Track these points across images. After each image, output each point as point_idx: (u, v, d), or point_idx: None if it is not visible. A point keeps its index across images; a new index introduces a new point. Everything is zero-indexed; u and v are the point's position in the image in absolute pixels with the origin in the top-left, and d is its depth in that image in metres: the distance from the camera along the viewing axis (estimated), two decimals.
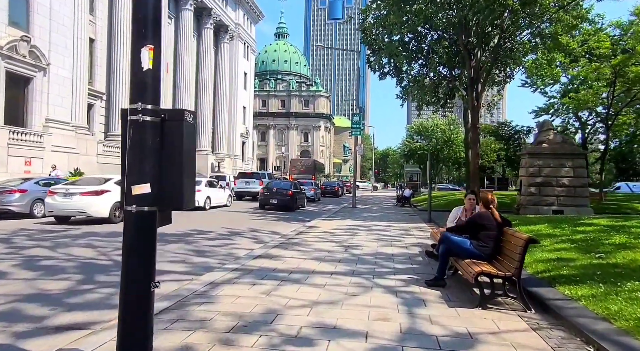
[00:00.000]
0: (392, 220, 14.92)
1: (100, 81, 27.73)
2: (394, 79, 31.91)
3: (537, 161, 16.01)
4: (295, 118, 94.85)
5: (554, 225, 9.56)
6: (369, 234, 10.53)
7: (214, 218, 14.94)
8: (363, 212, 18.94)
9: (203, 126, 42.27)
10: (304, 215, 17.47)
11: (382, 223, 13.54)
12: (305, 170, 41.05)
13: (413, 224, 13.35)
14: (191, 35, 38.67)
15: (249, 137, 55.43)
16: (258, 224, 13.13)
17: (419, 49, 28.95)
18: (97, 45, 27.06)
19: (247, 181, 24.89)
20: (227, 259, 7.24)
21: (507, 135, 48.74)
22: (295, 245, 8.48)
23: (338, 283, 5.33)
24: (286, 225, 13.16)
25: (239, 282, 5.26)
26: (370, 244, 8.76)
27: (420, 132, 57.72)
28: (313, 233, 10.53)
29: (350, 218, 15.31)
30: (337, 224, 13.03)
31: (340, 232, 10.90)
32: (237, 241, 9.51)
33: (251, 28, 53.43)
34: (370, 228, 12.19)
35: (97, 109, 27.54)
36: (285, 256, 7.20)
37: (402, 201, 24.04)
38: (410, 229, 12.04)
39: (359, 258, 7.19)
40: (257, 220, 14.56)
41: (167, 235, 9.76)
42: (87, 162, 23.80)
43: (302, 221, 14.41)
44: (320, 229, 11.43)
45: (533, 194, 15.94)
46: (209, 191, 18.43)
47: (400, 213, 19.14)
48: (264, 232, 11.34)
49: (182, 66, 37.59)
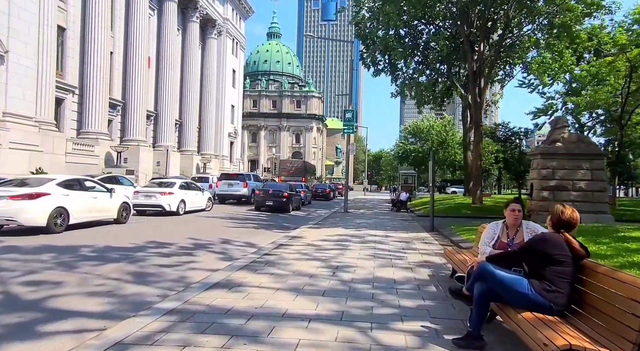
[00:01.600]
0: (389, 228, 13.10)
1: (73, 74, 25.65)
2: (389, 76, 30.43)
3: (550, 162, 14.31)
4: (287, 119, 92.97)
5: (590, 238, 7.81)
6: (363, 248, 8.69)
7: (184, 225, 13.01)
8: (356, 218, 17.11)
9: (188, 125, 40.29)
10: (290, 221, 15.60)
11: (378, 233, 11.71)
12: (295, 172, 39.16)
13: (414, 234, 11.53)
14: (175, 28, 36.65)
15: (237, 137, 53.41)
16: (233, 233, 11.23)
17: (415, 45, 27.33)
18: (68, 34, 24.99)
19: (230, 183, 22.91)
20: (172, 288, 5.36)
21: (504, 137, 47.21)
22: (269, 265, 6.61)
23: (317, 342, 3.46)
24: (266, 234, 11.28)
25: (164, 341, 3.37)
26: (365, 264, 6.91)
27: (414, 133, 56.09)
28: (295, 246, 8.66)
29: (341, 226, 13.47)
30: (325, 233, 11.17)
31: (328, 245, 9.04)
32: (199, 257, 7.61)
33: (240, 24, 51.51)
34: (365, 238, 10.34)
35: (68, 104, 25.45)
36: (251, 284, 5.33)
37: (397, 205, 22.27)
38: (411, 240, 10.22)
39: (350, 287, 5.33)
40: (234, 228, 12.66)
41: (113, 250, 7.86)
42: (54, 162, 21.69)
43: (286, 229, 12.54)
44: (305, 241, 9.57)
45: (546, 199, 14.22)
46: (182, 194, 16.55)
47: (396, 219, 17.34)
48: (237, 244, 9.45)
49: (165, 61, 35.55)
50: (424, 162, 56.95)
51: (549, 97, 35.49)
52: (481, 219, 17.22)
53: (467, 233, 10.52)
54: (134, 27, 30.65)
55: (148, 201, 15.82)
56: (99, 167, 25.30)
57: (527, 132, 44.37)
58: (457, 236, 10.33)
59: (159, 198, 15.76)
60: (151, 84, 34.91)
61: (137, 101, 30.96)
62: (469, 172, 29.32)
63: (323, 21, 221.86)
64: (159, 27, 35.31)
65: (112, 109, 30.03)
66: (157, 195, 15.83)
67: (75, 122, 26.32)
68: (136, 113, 30.95)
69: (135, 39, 30.74)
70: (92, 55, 26.11)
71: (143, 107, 31.58)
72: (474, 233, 10.27)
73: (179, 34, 39.33)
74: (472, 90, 19.69)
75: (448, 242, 9.92)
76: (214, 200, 19.73)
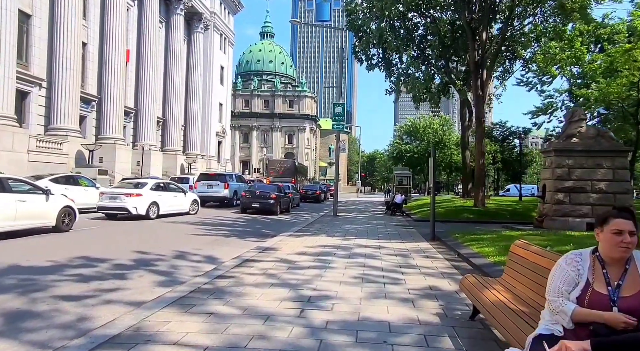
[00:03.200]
0: (382, 236, 11.26)
1: (40, 65, 23.59)
2: (383, 72, 28.86)
3: (566, 160, 12.59)
4: (279, 119, 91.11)
5: None
6: (349, 265, 6.84)
7: (145, 233, 11.11)
8: (345, 222, 15.27)
9: (172, 123, 38.28)
10: (271, 226, 13.74)
11: (370, 242, 9.86)
12: (285, 172, 37.23)
13: (412, 245, 9.69)
14: (157, 20, 34.62)
15: (226, 136, 51.38)
16: (197, 243, 9.34)
17: (411, 39, 25.68)
18: (34, 22, 22.93)
19: (210, 184, 20.97)
20: (45, 344, 3.47)
21: (502, 136, 45.79)
22: (214, 296, 4.75)
23: None
24: (236, 245, 9.42)
25: None
26: (349, 293, 5.06)
27: (410, 132, 54.37)
28: (263, 263, 6.80)
29: (326, 233, 11.62)
30: (306, 243, 9.32)
31: (305, 261, 7.18)
32: (130, 282, 5.71)
33: (229, 19, 49.57)
34: (352, 250, 8.50)
35: (34, 98, 23.38)
36: (167, 338, 3.45)
37: (392, 208, 20.46)
38: (409, 253, 8.38)
39: (321, 342, 3.47)
40: (203, 236, 10.76)
41: (14, 272, 5.97)
42: (14, 161, 19.64)
43: (262, 237, 10.69)
44: (279, 255, 7.71)
45: (561, 202, 12.50)
46: (155, 196, 14.70)
47: (391, 223, 15.52)
48: (192, 259, 7.58)
49: (147, 54, 33.48)
50: (420, 163, 55.33)
51: (548, 95, 33.99)
52: (485, 225, 15.44)
53: (476, 243, 8.71)
54: (111, 18, 28.62)
55: (112, 203, 14.00)
56: (68, 166, 23.25)
57: (525, 131, 42.96)
58: (464, 247, 8.51)
59: (124, 200, 13.91)
60: (131, 79, 32.85)
61: (114, 96, 28.91)
62: (467, 173, 27.66)
63: (317, 21, 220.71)
64: (140, 19, 33.27)
65: (86, 104, 27.96)
66: (122, 197, 13.98)
67: (43, 118, 24.22)
68: (113, 109, 28.89)
69: (112, 30, 28.70)
70: (62, 45, 24.03)
71: (120, 104, 29.53)
72: (485, 245, 8.45)
73: (162, 27, 37.31)
74: (474, 82, 17.99)
75: (454, 255, 8.10)
76: None
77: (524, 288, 3.51)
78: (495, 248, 7.78)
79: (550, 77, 33.32)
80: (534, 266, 3.47)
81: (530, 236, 9.57)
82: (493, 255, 7.16)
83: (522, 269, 3.67)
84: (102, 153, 27.63)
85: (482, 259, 7.04)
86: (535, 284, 3.39)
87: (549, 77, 33.58)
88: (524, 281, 3.56)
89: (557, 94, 33.07)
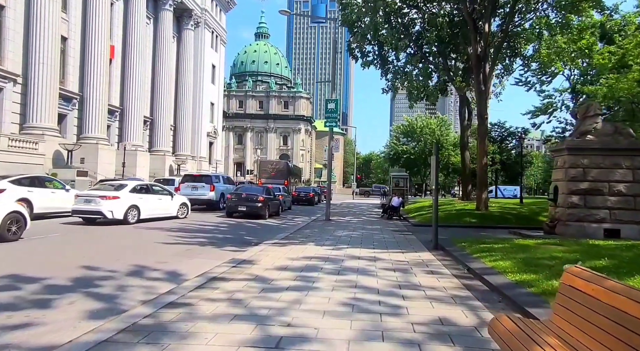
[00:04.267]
0: (378, 244, 10.00)
1: (14, 60, 22.20)
2: (379, 70, 27.75)
3: (581, 160, 11.41)
4: (274, 120, 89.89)
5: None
6: (338, 286, 5.57)
7: (110, 240, 9.80)
8: (338, 228, 14.00)
9: (161, 123, 36.91)
10: (256, 233, 12.45)
11: (364, 253, 8.59)
12: (277, 174, 35.89)
13: (412, 255, 8.42)
14: (144, 15, 33.29)
15: (217, 137, 50.00)
16: (164, 254, 8.06)
17: (407, 34, 24.53)
18: (8, 14, 21.55)
19: (194, 185, 19.63)
20: None
21: (500, 137, 44.74)
22: (148, 341, 3.47)
23: None
24: (209, 256, 8.14)
25: None
26: (333, 332, 3.79)
27: (407, 133, 53.18)
28: (232, 284, 5.52)
29: (315, 240, 10.33)
30: (290, 254, 8.04)
31: (285, 279, 5.90)
32: (49, 313, 4.41)
33: (221, 16, 48.29)
34: (343, 264, 7.22)
35: (7, 94, 21.97)
36: None
37: (389, 211, 19.22)
38: (410, 267, 7.11)
39: None
40: (173, 245, 9.45)
41: None
42: None
43: (243, 246, 9.42)
44: (254, 270, 6.44)
45: (576, 206, 11.30)
46: (135, 199, 13.50)
47: (388, 229, 14.26)
48: (150, 276, 6.29)
49: (133, 51, 32.11)
50: (417, 165, 54.19)
51: (547, 95, 32.95)
52: (490, 230, 14.17)
53: (488, 255, 7.47)
54: (94, 12, 27.26)
55: (87, 206, 12.81)
56: (44, 167, 21.85)
57: (525, 131, 41.96)
58: (474, 260, 7.25)
59: (99, 203, 12.68)
60: (116, 77, 31.48)
61: (97, 94, 27.52)
62: (467, 174, 26.51)
63: (313, 23, 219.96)
64: (125, 14, 31.90)
65: (67, 102, 26.56)
66: (97, 200, 12.74)
67: (18, 116, 22.80)
68: (96, 108, 27.50)
69: (96, 24, 27.33)
70: (39, 39, 22.64)
71: (104, 102, 28.14)
72: (499, 257, 7.17)
73: (150, 23, 35.97)
74: (476, 77, 16.82)
75: (463, 270, 6.84)
76: None
77: (598, 347, 2.26)
78: (513, 261, 6.54)
79: (549, 76, 32.34)
80: (613, 312, 2.23)
81: (549, 246, 8.36)
82: (512, 272, 5.91)
83: (587, 313, 2.42)
84: (84, 154, 26.26)
85: (500, 277, 5.79)
86: (619, 343, 2.15)
87: (548, 77, 32.61)
88: (595, 333, 2.31)
89: (557, 94, 32.10)
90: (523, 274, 5.70)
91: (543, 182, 78.48)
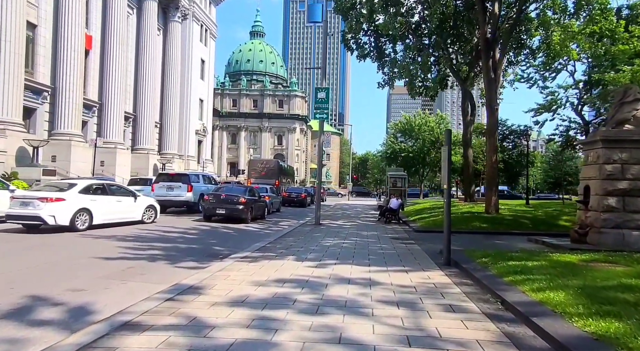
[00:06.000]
0: (374, 259, 7.98)
1: None
2: (375, 63, 26.00)
3: (618, 154, 9.46)
4: (268, 119, 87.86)
5: None
6: (311, 339, 3.54)
7: (38, 253, 7.75)
8: (328, 234, 11.99)
9: (144, 120, 34.77)
10: (228, 241, 10.44)
11: (355, 272, 6.56)
12: (268, 173, 33.89)
13: (419, 276, 6.39)
14: (125, 5, 31.15)
15: (207, 135, 47.87)
16: (91, 276, 6.05)
17: (406, 23, 22.69)
18: None
19: (170, 185, 17.57)
20: None
21: (502, 136, 42.83)
22: None
23: None
24: (152, 276, 6.15)
25: None
26: None
27: (405, 131, 51.23)
28: (144, 338, 3.48)
29: (297, 253, 8.31)
30: (256, 276, 6.01)
31: (233, 326, 3.86)
32: None
33: (210, 9, 46.21)
34: (325, 293, 5.19)
35: None
36: None
37: (386, 214, 17.24)
38: (418, 298, 5.08)
39: None
40: (114, 260, 7.40)
41: None
42: None
43: (205, 261, 7.44)
44: (196, 306, 4.42)
45: (613, 210, 9.35)
46: (86, 201, 11.40)
47: (386, 236, 12.25)
48: (35, 319, 4.25)
49: (113, 42, 29.96)
50: (415, 164, 52.25)
51: (551, 92, 31.22)
52: (505, 237, 12.07)
53: (524, 278, 5.43)
54: None
55: (23, 210, 10.72)
56: (5, 165, 19.73)
57: (527, 129, 40.13)
58: (508, 286, 5.21)
59: (38, 206, 10.61)
60: (94, 70, 29.33)
61: (71, 87, 25.37)
62: (470, 173, 24.60)
63: (309, 23, 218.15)
64: (105, 3, 29.73)
65: (36, 95, 24.42)
66: (36, 202, 10.66)
67: None
68: (69, 102, 25.34)
69: (69, 10, 25.20)
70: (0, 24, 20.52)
71: (78, 95, 25.98)
72: (543, 282, 4.94)
73: (133, 14, 33.85)
74: (485, 63, 14.90)
75: (496, 303, 4.80)
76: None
77: None
78: (567, 292, 4.51)
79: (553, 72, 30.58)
80: None
81: (600, 264, 6.37)
82: (576, 313, 3.90)
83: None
84: (55, 151, 24.14)
85: (560, 322, 3.77)
86: None
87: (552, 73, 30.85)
88: None
89: (561, 90, 30.39)
90: (598, 318, 3.69)
91: (542, 182, 76.78)
